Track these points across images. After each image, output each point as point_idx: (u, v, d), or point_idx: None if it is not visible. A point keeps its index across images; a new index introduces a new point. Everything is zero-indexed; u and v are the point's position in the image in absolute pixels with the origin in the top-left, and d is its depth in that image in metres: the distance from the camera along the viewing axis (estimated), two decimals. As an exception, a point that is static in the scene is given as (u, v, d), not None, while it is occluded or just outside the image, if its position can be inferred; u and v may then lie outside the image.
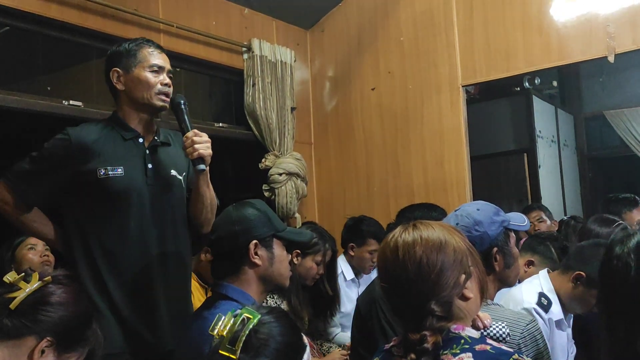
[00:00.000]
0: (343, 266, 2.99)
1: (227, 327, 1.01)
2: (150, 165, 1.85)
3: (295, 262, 2.45)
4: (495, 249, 1.52)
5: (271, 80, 3.56)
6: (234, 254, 1.55)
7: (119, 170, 1.78)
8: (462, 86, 3.44)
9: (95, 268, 1.75)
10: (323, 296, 2.66)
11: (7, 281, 1.19)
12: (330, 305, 2.69)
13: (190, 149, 1.80)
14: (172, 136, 1.99)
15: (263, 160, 3.56)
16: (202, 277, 2.78)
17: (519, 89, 4.68)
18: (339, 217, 3.84)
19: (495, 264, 1.52)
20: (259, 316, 1.04)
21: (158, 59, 1.87)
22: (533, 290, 2.03)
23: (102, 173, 1.76)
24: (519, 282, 2.21)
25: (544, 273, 2.12)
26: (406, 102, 3.63)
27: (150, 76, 1.83)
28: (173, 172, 1.91)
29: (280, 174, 3.52)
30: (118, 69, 1.84)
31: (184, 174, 1.95)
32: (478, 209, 1.57)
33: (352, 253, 2.99)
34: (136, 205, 1.80)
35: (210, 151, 1.83)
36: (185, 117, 1.87)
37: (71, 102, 2.66)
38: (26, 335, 1.15)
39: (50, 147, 1.79)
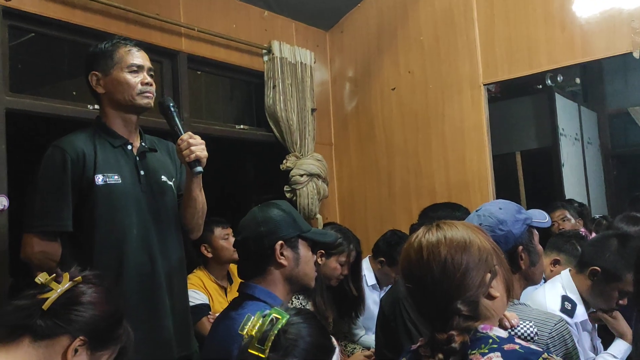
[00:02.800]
0: (366, 271, 2.99)
1: (257, 327, 1.02)
2: (142, 172, 1.83)
3: (320, 262, 2.46)
4: (520, 248, 1.51)
5: (291, 82, 3.58)
6: (260, 254, 1.56)
7: (116, 177, 1.76)
8: (484, 84, 3.41)
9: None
10: (348, 297, 2.67)
11: (39, 282, 1.22)
12: (355, 306, 2.69)
13: (187, 151, 1.77)
14: (156, 142, 1.96)
15: (284, 161, 3.58)
16: (216, 277, 2.79)
17: (541, 86, 4.63)
18: (360, 217, 3.85)
19: (521, 262, 1.51)
20: (288, 317, 1.05)
21: (136, 58, 1.82)
22: (556, 293, 2.01)
23: (100, 181, 1.73)
24: (544, 281, 2.20)
25: (565, 273, 2.10)
26: (427, 101, 3.61)
27: (129, 77, 1.79)
28: (164, 178, 1.89)
29: (302, 175, 3.53)
30: (96, 72, 1.80)
31: (173, 179, 1.93)
32: (500, 208, 1.56)
33: (379, 266, 2.99)
34: (136, 212, 1.78)
35: (205, 153, 1.81)
36: (177, 120, 1.84)
37: (96, 106, 2.70)
38: (59, 335, 1.17)
39: (49, 165, 1.73)
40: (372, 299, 2.89)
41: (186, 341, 1.89)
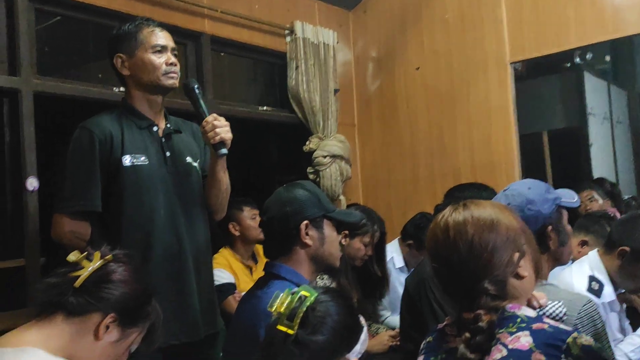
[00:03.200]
0: (395, 253, 2.99)
1: (285, 304, 1.03)
2: (168, 153, 1.84)
3: (344, 243, 2.46)
4: (549, 227, 1.49)
5: (314, 63, 3.55)
6: (286, 234, 1.57)
7: (143, 158, 1.77)
8: (510, 63, 3.34)
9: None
10: (372, 277, 2.67)
11: (71, 260, 1.24)
12: (379, 286, 2.69)
13: (212, 133, 1.78)
14: (181, 123, 1.97)
15: (307, 142, 3.57)
16: (242, 256, 2.82)
17: (569, 65, 4.51)
18: (383, 198, 3.83)
19: (550, 243, 1.50)
20: (316, 294, 1.06)
21: (160, 38, 1.82)
22: (583, 274, 1.98)
23: (127, 162, 1.74)
24: (571, 262, 2.17)
25: (593, 253, 2.07)
26: (452, 81, 3.56)
27: (154, 58, 1.79)
28: (189, 159, 1.90)
29: (325, 157, 3.52)
30: (121, 54, 1.81)
31: (198, 160, 1.94)
32: (529, 188, 1.54)
33: (407, 249, 2.99)
34: (163, 192, 1.79)
35: (230, 135, 1.81)
36: (201, 102, 1.84)
37: (121, 88, 2.72)
38: (91, 311, 1.20)
39: (77, 146, 1.75)
40: (400, 282, 2.88)
41: (212, 319, 1.92)
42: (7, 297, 2.44)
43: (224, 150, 1.81)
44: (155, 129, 1.86)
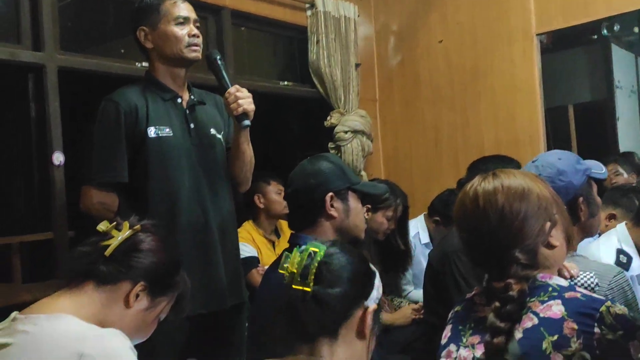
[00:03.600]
0: (420, 228, 2.98)
1: (296, 262, 1.02)
2: (192, 125, 1.84)
3: (366, 216, 2.46)
4: (580, 199, 1.46)
5: (335, 37, 3.51)
6: (310, 206, 1.57)
7: (167, 129, 1.78)
8: (536, 35, 3.26)
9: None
10: (395, 251, 2.67)
11: (101, 230, 1.26)
12: (402, 260, 2.69)
13: (234, 104, 1.78)
14: (204, 95, 1.97)
15: (328, 118, 3.55)
16: (265, 230, 2.84)
17: (596, 37, 4.39)
18: (405, 174, 3.81)
19: (581, 214, 1.47)
20: (325, 248, 1.04)
21: (182, 10, 1.82)
22: (611, 247, 1.96)
23: (153, 133, 1.75)
24: (598, 235, 2.14)
25: (621, 227, 2.04)
26: (475, 54, 3.49)
27: (177, 30, 1.79)
28: (213, 131, 1.90)
29: (346, 132, 3.50)
30: (144, 27, 1.81)
31: (222, 132, 1.94)
32: (560, 158, 1.51)
33: (434, 225, 2.97)
34: (188, 164, 1.80)
35: (253, 106, 1.81)
36: (224, 73, 1.84)
37: (144, 63, 2.73)
38: (121, 280, 1.22)
39: (104, 118, 1.76)
40: (425, 257, 2.87)
41: (238, 290, 1.94)
42: (36, 269, 2.49)
43: (247, 122, 1.80)
44: (179, 100, 1.86)
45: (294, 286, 1.01)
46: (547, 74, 3.42)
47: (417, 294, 2.82)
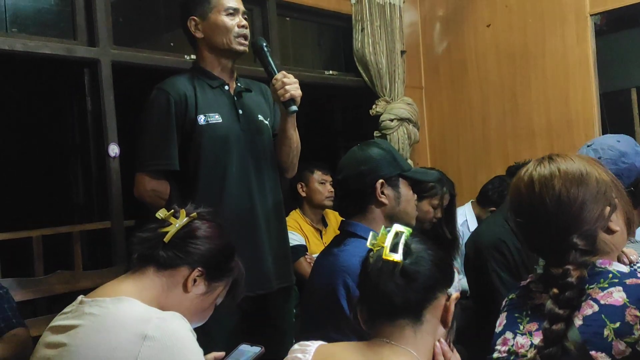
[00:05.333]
0: (468, 216, 2.94)
1: (386, 237, 1.05)
2: (240, 111, 1.87)
3: (413, 204, 2.44)
4: (643, 181, 1.42)
5: (380, 24, 3.48)
6: (361, 193, 1.57)
7: (216, 116, 1.81)
8: (590, 15, 3.14)
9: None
10: (441, 240, 2.64)
11: (159, 217, 1.30)
12: (449, 249, 2.66)
13: (282, 90, 1.80)
14: (250, 83, 2.00)
15: (374, 106, 3.53)
16: (311, 219, 2.86)
17: (654, 16, 4.18)
18: (452, 162, 3.76)
19: (644, 197, 1.42)
20: (411, 230, 1.07)
21: (232, 1, 1.86)
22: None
23: (202, 120, 1.79)
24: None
25: None
26: (525, 37, 3.39)
27: (227, 20, 1.83)
28: (260, 117, 1.93)
29: (392, 120, 3.48)
30: (195, 17, 1.85)
31: (269, 119, 1.97)
32: (619, 141, 1.47)
33: (488, 214, 2.93)
34: (236, 149, 1.83)
35: (300, 92, 1.83)
36: (270, 60, 1.86)
37: (192, 56, 2.79)
38: (180, 265, 1.25)
39: (155, 106, 1.80)
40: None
41: (285, 273, 1.96)
42: (95, 257, 2.60)
43: (294, 107, 1.82)
44: (226, 87, 1.90)
45: (384, 257, 1.03)
46: (604, 56, 3.29)
47: (466, 282, 2.79)
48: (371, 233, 1.08)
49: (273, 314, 1.94)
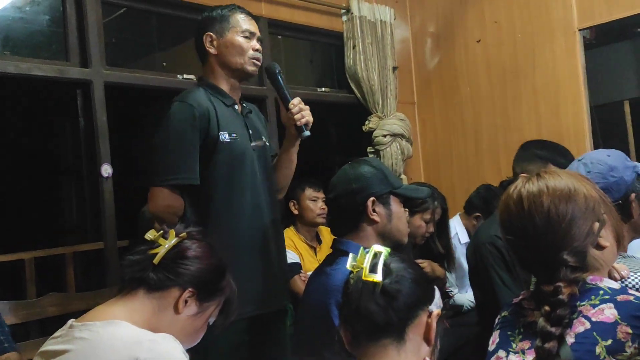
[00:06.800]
0: (459, 229, 2.94)
1: (365, 258, 1.05)
2: (250, 132, 1.90)
3: (405, 220, 2.44)
4: (633, 195, 1.42)
5: (371, 41, 3.52)
6: (353, 211, 1.58)
7: (234, 134, 1.82)
8: (579, 30, 3.18)
9: (220, 231, 1.75)
10: (434, 255, 2.64)
11: (148, 239, 1.30)
12: (443, 263, 2.66)
13: (298, 115, 1.84)
14: (247, 104, 2.01)
15: (366, 122, 3.55)
16: (305, 237, 2.86)
17: (642, 29, 4.24)
18: (446, 176, 3.77)
19: (633, 211, 1.43)
20: (389, 250, 1.08)
21: (250, 24, 1.89)
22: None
23: (224, 138, 1.79)
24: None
25: None
26: (515, 52, 3.43)
27: (243, 41, 1.86)
28: (264, 138, 1.96)
29: (385, 136, 3.49)
30: (211, 33, 1.86)
31: (268, 140, 2.00)
32: (608, 155, 1.47)
33: (474, 222, 2.94)
34: (250, 168, 1.85)
35: (312, 117, 1.88)
36: (284, 86, 1.89)
37: (185, 76, 2.81)
38: (170, 287, 1.24)
39: (178, 119, 1.76)
40: (465, 257, 2.85)
41: (286, 292, 1.99)
42: (89, 278, 2.58)
43: (308, 133, 1.87)
44: (236, 107, 1.92)
45: (364, 278, 1.04)
46: (594, 69, 3.32)
47: (462, 297, 2.79)
48: (351, 255, 1.08)
49: (273, 332, 1.93)
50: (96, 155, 2.42)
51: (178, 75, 2.79)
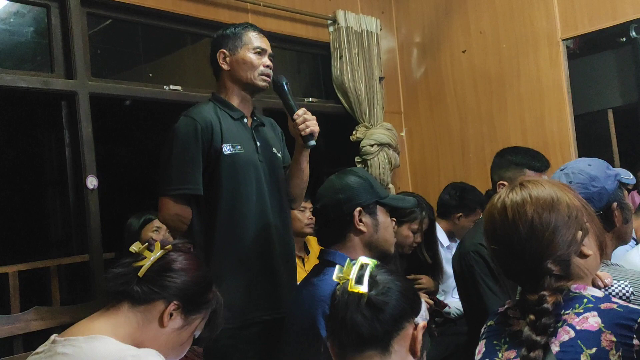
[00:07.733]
0: (440, 235, 2.95)
1: (351, 270, 1.06)
2: (258, 143, 1.95)
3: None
4: (615, 204, 1.44)
5: (358, 51, 3.54)
6: (339, 221, 1.58)
7: (239, 147, 1.88)
8: (562, 40, 3.22)
9: (226, 239, 1.83)
10: (422, 265, 2.64)
11: (133, 251, 1.28)
12: (431, 273, 2.66)
13: (303, 125, 1.88)
14: (261, 117, 2.08)
15: (354, 132, 3.57)
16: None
17: (624, 39, 4.29)
18: (433, 185, 3.78)
19: (615, 220, 1.44)
20: (375, 262, 1.08)
21: (261, 42, 1.97)
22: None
23: (227, 150, 1.85)
24: (635, 242, 2.09)
25: None
26: (500, 62, 3.47)
27: (254, 57, 1.93)
28: (274, 150, 2.01)
29: (372, 145, 3.51)
30: (224, 50, 1.94)
31: (280, 152, 2.05)
32: (589, 164, 1.49)
33: (456, 222, 2.95)
34: (255, 179, 1.90)
35: (318, 128, 1.92)
36: (290, 97, 1.94)
37: (171, 87, 2.80)
38: (155, 300, 1.23)
39: (182, 133, 1.83)
40: (448, 262, 2.85)
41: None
42: (74, 291, 2.55)
43: (313, 142, 1.90)
44: (245, 120, 1.97)
45: (350, 289, 1.04)
46: (578, 79, 3.36)
47: (450, 303, 2.78)
48: (337, 266, 1.08)
49: (273, 339, 1.93)
50: (81, 166, 2.41)
51: (164, 86, 2.79)
